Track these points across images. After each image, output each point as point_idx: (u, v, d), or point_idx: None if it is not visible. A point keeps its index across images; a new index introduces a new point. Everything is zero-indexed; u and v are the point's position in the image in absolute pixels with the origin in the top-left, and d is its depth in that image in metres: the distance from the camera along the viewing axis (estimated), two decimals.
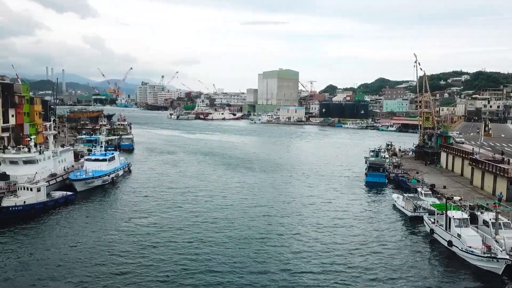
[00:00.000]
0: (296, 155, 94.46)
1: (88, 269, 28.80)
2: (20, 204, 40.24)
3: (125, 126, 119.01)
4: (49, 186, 48.30)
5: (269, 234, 37.01)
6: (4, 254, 31.34)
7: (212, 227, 38.44)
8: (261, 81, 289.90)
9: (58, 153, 54.47)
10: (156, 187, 55.22)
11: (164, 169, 69.30)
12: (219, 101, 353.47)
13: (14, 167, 47.08)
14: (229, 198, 49.85)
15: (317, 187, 58.03)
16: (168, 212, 42.99)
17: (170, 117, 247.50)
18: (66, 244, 33.50)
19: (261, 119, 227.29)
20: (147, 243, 33.91)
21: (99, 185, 54.16)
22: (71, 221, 40.11)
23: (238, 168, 71.73)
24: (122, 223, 39.28)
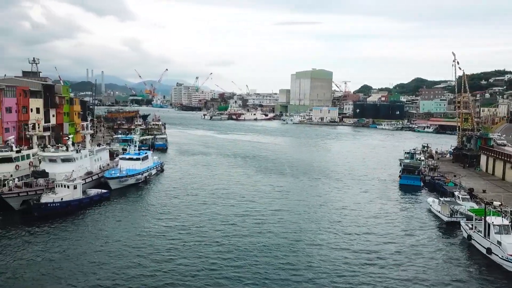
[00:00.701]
0: (328, 156, 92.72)
1: (116, 268, 29.23)
2: (58, 200, 41.74)
3: (159, 126, 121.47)
4: (85, 183, 49.89)
5: (298, 239, 36.17)
6: (39, 249, 32.48)
7: (240, 230, 38.06)
8: (293, 81, 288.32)
9: (94, 152, 56.16)
10: (187, 187, 55.74)
11: (195, 169, 69.98)
12: (252, 101, 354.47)
13: (53, 165, 48.96)
14: (259, 200, 49.17)
15: (349, 190, 56.72)
16: (197, 213, 43.04)
17: (203, 118, 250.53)
18: (98, 242, 34.27)
19: (293, 120, 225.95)
20: (175, 244, 33.91)
21: (133, 184, 55.44)
22: (104, 218, 41.23)
23: (269, 169, 71.16)
24: (152, 222, 39.85)
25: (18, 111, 69.37)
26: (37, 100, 76.08)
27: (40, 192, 42.98)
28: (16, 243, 33.53)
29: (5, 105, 66.13)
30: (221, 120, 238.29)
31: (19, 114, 69.67)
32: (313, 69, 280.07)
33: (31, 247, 32.64)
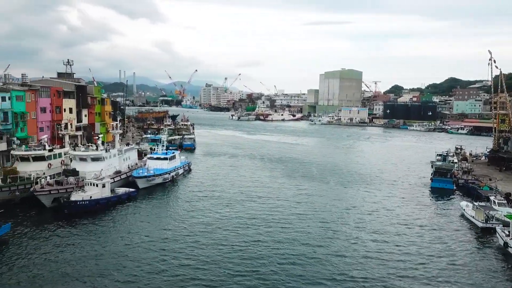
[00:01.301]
0: (357, 158, 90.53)
1: (138, 268, 29.30)
2: (87, 199, 42.63)
3: (188, 126, 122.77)
4: (114, 182, 50.86)
5: (324, 243, 35.18)
6: (66, 246, 33.13)
7: (263, 234, 37.11)
8: (322, 82, 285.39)
9: (123, 151, 57.16)
10: (213, 187, 55.73)
11: (221, 169, 69.99)
12: (280, 102, 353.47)
13: (83, 163, 50.16)
14: (284, 203, 48.11)
15: (378, 193, 55.01)
16: (222, 215, 42.61)
17: (231, 118, 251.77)
18: (123, 241, 34.60)
19: (322, 120, 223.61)
20: (197, 247, 33.56)
21: (160, 183, 56.06)
22: (130, 217, 41.75)
23: (295, 171, 70.15)
24: (177, 223, 39.92)
25: (52, 111, 71.68)
26: (70, 101, 78.35)
27: (70, 190, 44.03)
28: (46, 239, 34.41)
29: (40, 105, 68.46)
30: (248, 120, 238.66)
31: (53, 114, 71.96)
32: (342, 69, 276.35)
33: (59, 244, 33.38)
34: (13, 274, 27.49)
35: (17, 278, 26.96)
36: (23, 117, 63.66)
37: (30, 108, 65.66)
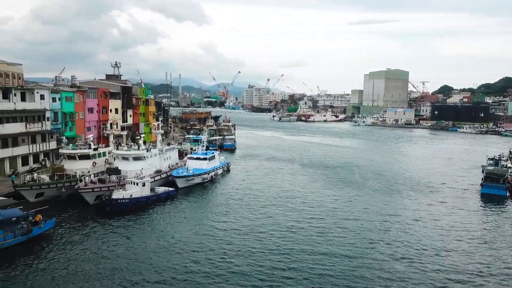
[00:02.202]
0: (403, 162, 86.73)
1: (171, 268, 29.39)
2: (127, 197, 43.70)
3: (229, 127, 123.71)
4: (154, 181, 51.93)
5: (364, 254, 32.66)
6: (104, 243, 33.96)
7: (298, 238, 35.76)
8: (367, 82, 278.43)
9: (164, 151, 58.23)
10: (251, 188, 55.28)
11: (260, 170, 69.53)
12: (322, 102, 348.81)
13: (125, 162, 51.55)
14: (323, 208, 46.15)
15: (423, 199, 52.01)
16: (258, 218, 41.83)
17: (272, 119, 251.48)
18: (159, 240, 34.84)
19: (366, 121, 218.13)
20: (231, 248, 33.10)
21: (199, 183, 56.60)
22: (168, 216, 42.25)
23: (336, 173, 68.16)
24: (213, 223, 39.85)
25: (98, 111, 74.63)
26: (116, 101, 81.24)
27: (112, 188, 45.34)
28: (86, 235, 35.49)
29: (88, 106, 71.45)
30: (290, 121, 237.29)
31: (100, 114, 74.91)
32: (387, 68, 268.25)
33: (98, 241, 34.26)
34: (53, 268, 28.47)
35: (56, 272, 27.88)
36: (72, 117, 66.69)
37: (79, 108, 68.67)
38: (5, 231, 30.76)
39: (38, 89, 59.80)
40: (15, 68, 76.03)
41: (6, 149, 52.51)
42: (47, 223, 34.56)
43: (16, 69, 75.98)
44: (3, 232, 30.55)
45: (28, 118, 56.30)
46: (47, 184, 45.06)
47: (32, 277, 27.01)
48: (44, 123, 59.03)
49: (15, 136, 53.89)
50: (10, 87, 55.35)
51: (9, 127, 53.02)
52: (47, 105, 60.20)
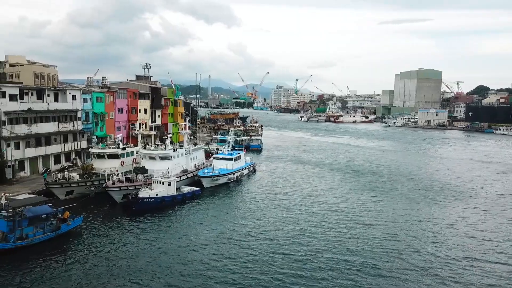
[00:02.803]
0: (435, 165, 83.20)
1: (191, 268, 29.35)
2: (153, 196, 44.23)
3: (256, 128, 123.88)
4: (180, 181, 52.40)
5: (393, 267, 30.25)
6: (129, 241, 34.33)
7: (324, 243, 34.32)
8: (397, 82, 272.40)
9: (190, 151, 58.70)
10: (276, 190, 54.64)
11: (286, 171, 68.80)
12: (352, 103, 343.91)
13: (152, 162, 52.26)
14: (350, 211, 44.27)
15: (458, 204, 48.86)
16: (281, 220, 40.78)
17: (300, 120, 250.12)
18: (182, 240, 34.87)
19: (396, 122, 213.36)
20: (252, 251, 32.49)
21: (224, 183, 56.69)
22: (193, 216, 42.37)
23: (364, 176, 65.72)
24: (236, 224, 39.52)
25: (128, 112, 76.17)
26: (145, 102, 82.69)
27: (138, 187, 46.04)
28: (112, 233, 36.05)
29: (118, 106, 73.03)
30: (318, 122, 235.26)
31: (129, 114, 76.43)
32: (419, 68, 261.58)
33: (123, 239, 34.69)
34: (79, 264, 29.04)
35: (81, 268, 28.42)
36: (102, 117, 68.34)
37: (109, 108, 70.30)
38: (35, 227, 31.67)
39: (70, 89, 61.61)
40: (50, 70, 78.73)
41: (39, 148, 54.34)
42: (75, 220, 35.39)
43: (51, 70, 78.66)
44: (33, 228, 31.46)
45: (61, 118, 58.08)
46: (77, 182, 46.26)
47: (58, 273, 27.60)
48: (75, 123, 60.76)
49: (48, 135, 55.69)
50: (43, 88, 57.24)
51: (42, 127, 54.85)
52: (79, 105, 61.94)
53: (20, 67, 72.80)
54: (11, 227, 30.26)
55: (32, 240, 31.13)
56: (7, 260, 28.84)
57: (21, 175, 51.36)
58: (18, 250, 30.12)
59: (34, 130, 53.34)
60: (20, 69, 71.61)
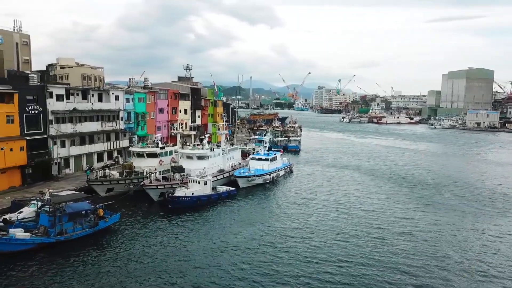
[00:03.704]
0: (486, 170, 76.85)
1: (221, 268, 29.24)
2: (189, 195, 44.75)
3: (295, 129, 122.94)
4: (217, 180, 52.75)
5: (434, 276, 28.47)
6: (163, 240, 34.79)
7: (356, 253, 32.25)
8: (445, 82, 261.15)
9: (227, 151, 58.98)
10: (312, 192, 53.35)
11: (324, 174, 67.26)
12: (396, 104, 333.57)
13: (189, 161, 52.98)
14: (389, 220, 41.48)
15: (510, 215, 45.07)
16: (315, 225, 39.27)
17: (342, 120, 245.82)
18: (216, 239, 34.98)
19: (443, 124, 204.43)
20: (283, 255, 31.69)
21: (260, 183, 56.46)
22: (227, 216, 42.38)
23: (407, 182, 61.65)
24: (269, 226, 39.00)
25: (168, 112, 77.84)
26: (185, 102, 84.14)
27: (175, 186, 46.75)
28: (148, 231, 36.76)
29: (158, 106, 74.77)
30: (360, 123, 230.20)
31: (169, 114, 78.08)
32: (469, 68, 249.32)
33: (157, 237, 35.19)
34: (113, 261, 29.80)
35: (116, 264, 29.13)
36: (144, 116, 70.20)
37: (150, 108, 72.12)
38: (75, 223, 32.84)
39: (113, 90, 63.74)
40: (97, 71, 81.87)
41: (83, 146, 56.60)
42: (112, 217, 36.39)
43: (97, 72, 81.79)
44: (72, 224, 32.65)
45: (104, 117, 60.19)
46: (117, 180, 47.71)
47: (93, 268, 28.43)
48: (118, 122, 62.78)
49: (92, 134, 57.89)
50: (88, 89, 59.57)
51: (87, 126, 57.10)
52: (121, 105, 63.95)
53: (69, 69, 76.33)
54: (52, 222, 31.55)
55: (71, 236, 32.29)
56: (47, 254, 30.12)
57: (66, 172, 53.70)
58: (57, 244, 31.34)
59: (79, 129, 55.60)
60: (69, 71, 75.09)
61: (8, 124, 45.31)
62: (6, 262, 28.37)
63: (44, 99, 50.15)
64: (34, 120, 48.93)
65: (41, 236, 31.06)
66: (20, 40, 67.85)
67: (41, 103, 49.69)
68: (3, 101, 44.97)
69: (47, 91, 50.88)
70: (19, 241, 29.66)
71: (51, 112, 51.20)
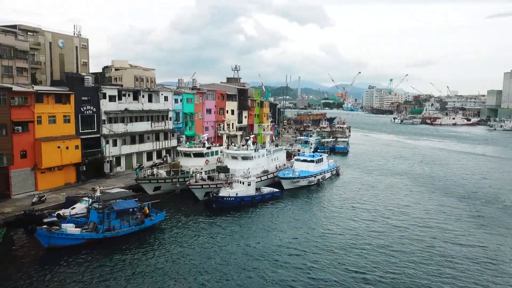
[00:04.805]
0: None
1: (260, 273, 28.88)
2: (233, 195, 44.94)
3: (343, 129, 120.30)
4: (261, 181, 52.62)
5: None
6: (206, 239, 35.09)
7: (402, 266, 30.33)
8: (507, 81, 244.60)
9: (272, 151, 58.67)
10: (358, 197, 51.26)
11: (373, 178, 64.25)
12: (452, 104, 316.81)
13: (234, 161, 53.27)
14: (437, 232, 37.89)
15: None
16: (361, 233, 37.41)
17: (393, 121, 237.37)
18: (257, 241, 34.76)
19: (504, 126, 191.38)
20: (324, 262, 30.72)
21: (305, 185, 55.59)
22: (271, 218, 42.05)
23: (465, 191, 55.50)
24: (312, 230, 38.17)
25: (216, 112, 78.91)
26: (232, 103, 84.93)
27: (220, 186, 47.15)
28: (191, 230, 37.29)
29: (206, 107, 76.01)
30: (412, 124, 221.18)
31: (217, 114, 79.12)
32: None
33: (200, 236, 35.60)
34: (156, 259, 30.46)
35: (158, 263, 29.75)
36: (192, 117, 71.64)
37: (198, 109, 73.48)
38: (122, 220, 33.97)
39: (163, 91, 65.53)
40: (149, 73, 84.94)
41: (134, 145, 58.68)
42: (158, 215, 37.29)
43: (149, 73, 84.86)
44: (119, 221, 33.79)
45: (154, 117, 62.04)
46: (164, 179, 48.94)
47: (135, 265, 29.24)
48: (167, 122, 64.49)
49: (142, 133, 59.88)
50: (139, 89, 61.65)
51: (137, 126, 59.13)
52: (170, 106, 65.62)
53: (123, 70, 79.81)
54: (101, 218, 32.84)
55: (118, 232, 33.41)
56: (94, 249, 31.38)
57: (117, 170, 55.92)
58: (105, 240, 32.58)
59: (130, 129, 57.68)
60: (123, 72, 78.49)
61: (65, 124, 47.95)
62: (58, 256, 29.93)
63: (98, 100, 52.53)
64: (88, 120, 51.39)
65: (90, 232, 32.44)
66: (80, 43, 71.80)
67: (95, 103, 52.08)
68: (61, 102, 47.62)
69: (101, 92, 53.23)
70: (70, 236, 31.15)
71: (104, 112, 53.49)
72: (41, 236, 30.34)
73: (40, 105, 44.84)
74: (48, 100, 46.05)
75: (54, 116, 46.56)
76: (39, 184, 44.67)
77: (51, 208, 38.21)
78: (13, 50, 52.88)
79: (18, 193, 42.34)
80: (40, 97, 45.06)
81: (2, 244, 31.05)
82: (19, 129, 42.22)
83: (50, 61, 65.91)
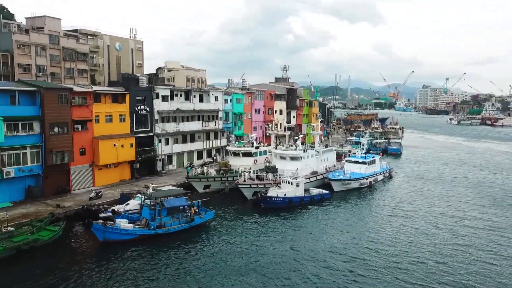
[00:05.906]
0: None
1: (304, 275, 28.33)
2: (281, 195, 44.50)
3: (396, 130, 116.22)
4: (309, 182, 51.77)
5: None
6: (253, 239, 34.84)
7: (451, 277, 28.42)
8: None
9: (321, 152, 57.57)
10: (411, 202, 48.70)
11: (428, 182, 60.85)
12: None
13: (282, 162, 52.82)
14: (491, 246, 34.73)
15: None
16: (414, 242, 35.02)
17: (449, 122, 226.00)
18: (303, 244, 34.04)
19: None
20: (374, 269, 29.34)
21: (356, 188, 54.01)
22: (319, 220, 41.13)
23: None
24: (362, 235, 36.77)
25: (264, 112, 78.86)
26: (281, 103, 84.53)
27: (268, 186, 46.92)
28: (239, 229, 37.29)
29: (255, 107, 76.18)
30: (471, 125, 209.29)
31: (265, 114, 79.04)
32: None
33: (247, 236, 35.43)
34: (203, 257, 30.67)
35: (205, 261, 29.92)
36: (241, 117, 72.08)
37: (247, 109, 73.80)
38: (172, 217, 34.66)
39: (213, 91, 66.41)
40: (200, 74, 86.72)
41: (185, 144, 59.94)
42: (207, 214, 37.69)
43: (200, 74, 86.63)
44: (170, 218, 34.49)
45: (204, 117, 63.05)
46: (213, 178, 49.53)
47: (184, 262, 29.60)
48: (217, 122, 65.32)
49: (193, 133, 61.03)
50: (190, 90, 62.87)
51: (188, 125, 60.33)
52: (220, 106, 66.38)
53: (175, 71, 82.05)
54: (152, 215, 33.69)
55: (169, 229, 34.11)
56: (146, 245, 32.20)
57: (169, 168, 57.35)
58: (156, 237, 33.34)
59: (181, 128, 58.95)
60: (175, 73, 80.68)
61: (120, 123, 49.83)
62: (111, 249, 31.10)
63: (151, 100, 54.12)
64: (142, 119, 53.08)
65: (142, 227, 33.37)
66: (135, 46, 74.54)
67: (148, 103, 53.70)
68: (117, 102, 49.57)
69: (154, 92, 54.80)
70: (123, 231, 32.20)
71: (157, 112, 55.02)
72: (96, 230, 31.64)
73: (98, 104, 46.92)
74: (105, 99, 48.10)
75: (110, 115, 48.55)
76: (96, 180, 46.79)
77: (107, 204, 39.79)
78: (75, 53, 55.89)
79: (77, 188, 44.60)
80: (98, 97, 47.15)
81: (62, 237, 32.69)
82: (79, 128, 44.40)
83: (107, 63, 68.96)
